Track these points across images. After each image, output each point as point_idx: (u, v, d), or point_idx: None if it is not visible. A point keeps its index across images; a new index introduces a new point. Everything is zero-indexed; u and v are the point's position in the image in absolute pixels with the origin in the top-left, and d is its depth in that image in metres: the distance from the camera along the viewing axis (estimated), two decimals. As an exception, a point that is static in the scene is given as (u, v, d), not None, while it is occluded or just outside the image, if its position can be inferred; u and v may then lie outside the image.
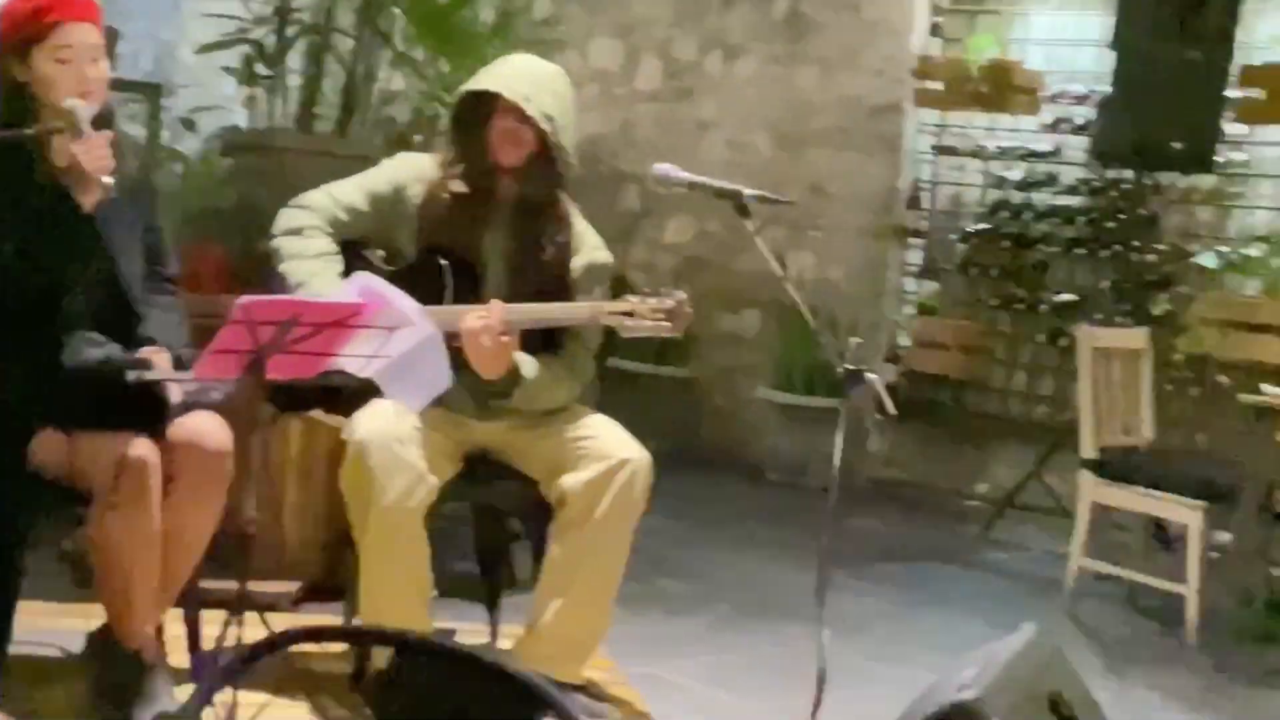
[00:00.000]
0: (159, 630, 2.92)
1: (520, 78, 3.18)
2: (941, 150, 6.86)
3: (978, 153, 6.66)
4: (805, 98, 6.90)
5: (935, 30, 6.87)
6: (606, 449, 3.15)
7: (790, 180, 6.57)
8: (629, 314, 3.11)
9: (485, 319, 3.05)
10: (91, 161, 2.73)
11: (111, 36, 3.15)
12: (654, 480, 3.18)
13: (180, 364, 2.88)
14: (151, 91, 6.30)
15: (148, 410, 2.82)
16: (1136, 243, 5.94)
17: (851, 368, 2.98)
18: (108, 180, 2.73)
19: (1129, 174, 6.03)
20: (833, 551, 2.92)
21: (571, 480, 3.12)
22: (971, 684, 2.52)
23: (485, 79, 3.21)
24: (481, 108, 3.20)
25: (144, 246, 2.98)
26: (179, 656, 3.02)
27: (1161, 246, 5.97)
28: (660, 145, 6.83)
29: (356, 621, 3.16)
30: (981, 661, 2.68)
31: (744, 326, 7.00)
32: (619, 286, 3.35)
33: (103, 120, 2.81)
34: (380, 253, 3.25)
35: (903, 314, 6.98)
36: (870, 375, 3.02)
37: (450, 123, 3.31)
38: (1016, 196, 6.58)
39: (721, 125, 7.09)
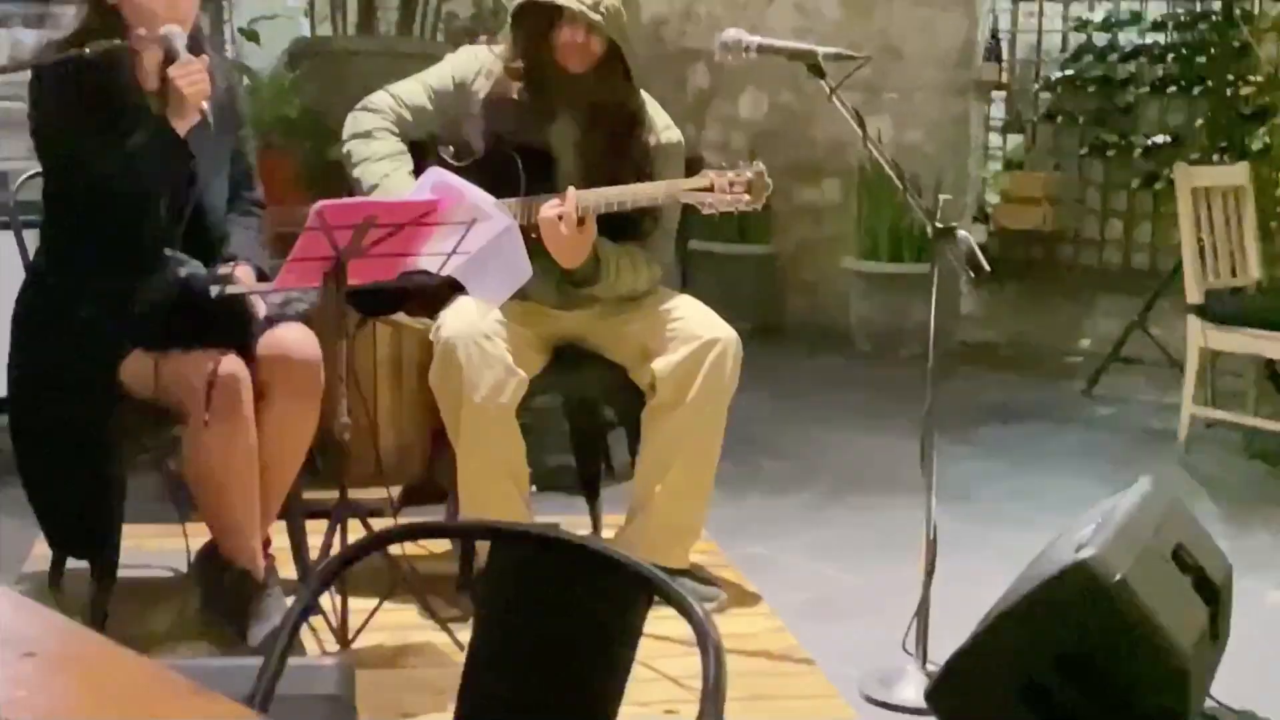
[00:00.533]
0: (265, 545, 2.92)
1: None
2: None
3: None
4: (871, -46, 6.68)
5: None
6: (694, 330, 3.09)
7: (862, 41, 6.36)
8: (708, 189, 3.03)
9: (561, 207, 2.99)
10: (189, 87, 2.68)
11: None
12: (743, 358, 3.12)
13: (263, 277, 2.86)
14: (213, 4, 6.24)
15: (234, 326, 2.80)
16: (1230, 76, 5.70)
17: (941, 226, 2.90)
18: (204, 106, 2.69)
19: (1217, 3, 5.77)
20: (934, 417, 2.85)
21: (661, 364, 3.07)
22: (1090, 542, 2.44)
23: None
24: (543, 12, 3.09)
25: (231, 171, 2.95)
26: (287, 569, 3.04)
27: (1256, 78, 5.72)
28: (725, 19, 6.64)
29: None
30: (1099, 519, 2.60)
31: (824, 197, 6.86)
32: (694, 166, 3.26)
33: (194, 44, 2.76)
34: (449, 149, 3.18)
35: (989, 170, 6.79)
36: (961, 233, 2.92)
37: (511, 28, 3.17)
38: (1100, 38, 6.34)
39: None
